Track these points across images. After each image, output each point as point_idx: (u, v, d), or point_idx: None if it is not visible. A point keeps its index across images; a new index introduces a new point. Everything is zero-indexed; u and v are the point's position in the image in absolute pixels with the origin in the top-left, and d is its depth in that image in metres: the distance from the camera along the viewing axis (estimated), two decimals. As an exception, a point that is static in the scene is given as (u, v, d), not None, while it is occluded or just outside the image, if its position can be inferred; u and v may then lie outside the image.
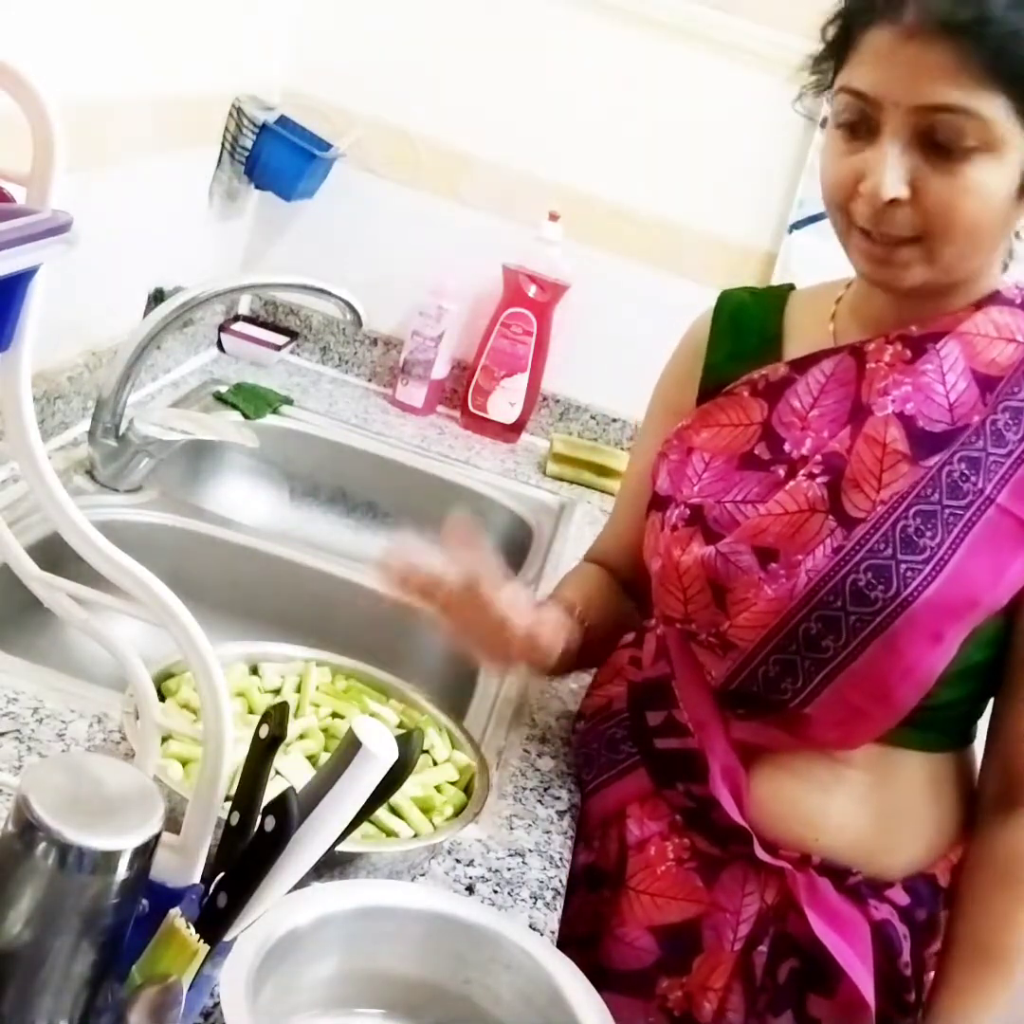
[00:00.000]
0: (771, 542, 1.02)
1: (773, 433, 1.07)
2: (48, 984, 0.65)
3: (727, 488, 1.07)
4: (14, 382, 0.66)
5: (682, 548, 1.06)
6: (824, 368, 1.07)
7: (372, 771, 0.66)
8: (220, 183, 1.92)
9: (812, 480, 1.02)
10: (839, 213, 1.00)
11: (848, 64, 0.98)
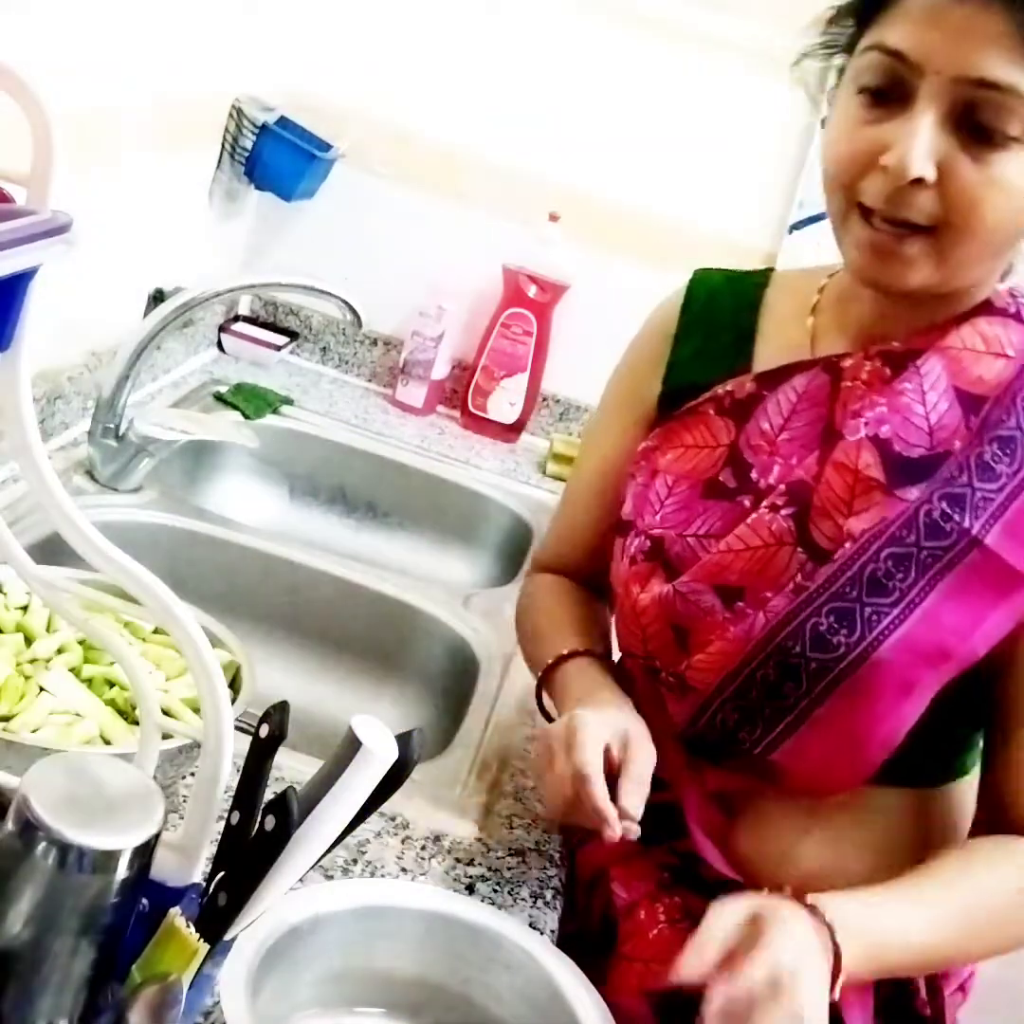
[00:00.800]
0: (734, 580, 0.95)
1: (740, 458, 0.98)
2: (48, 983, 0.65)
3: (690, 519, 0.99)
4: (14, 382, 0.66)
5: (641, 585, 0.99)
6: (796, 385, 0.97)
7: (372, 770, 0.66)
8: (220, 184, 1.92)
9: (775, 513, 0.94)
10: (842, 192, 0.88)
11: (882, 21, 0.86)
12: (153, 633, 1.05)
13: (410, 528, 1.87)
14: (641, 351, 1.12)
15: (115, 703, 0.97)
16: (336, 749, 0.67)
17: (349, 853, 0.98)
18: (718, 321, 1.06)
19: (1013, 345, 0.94)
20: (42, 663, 0.98)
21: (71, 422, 1.54)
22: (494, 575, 1.81)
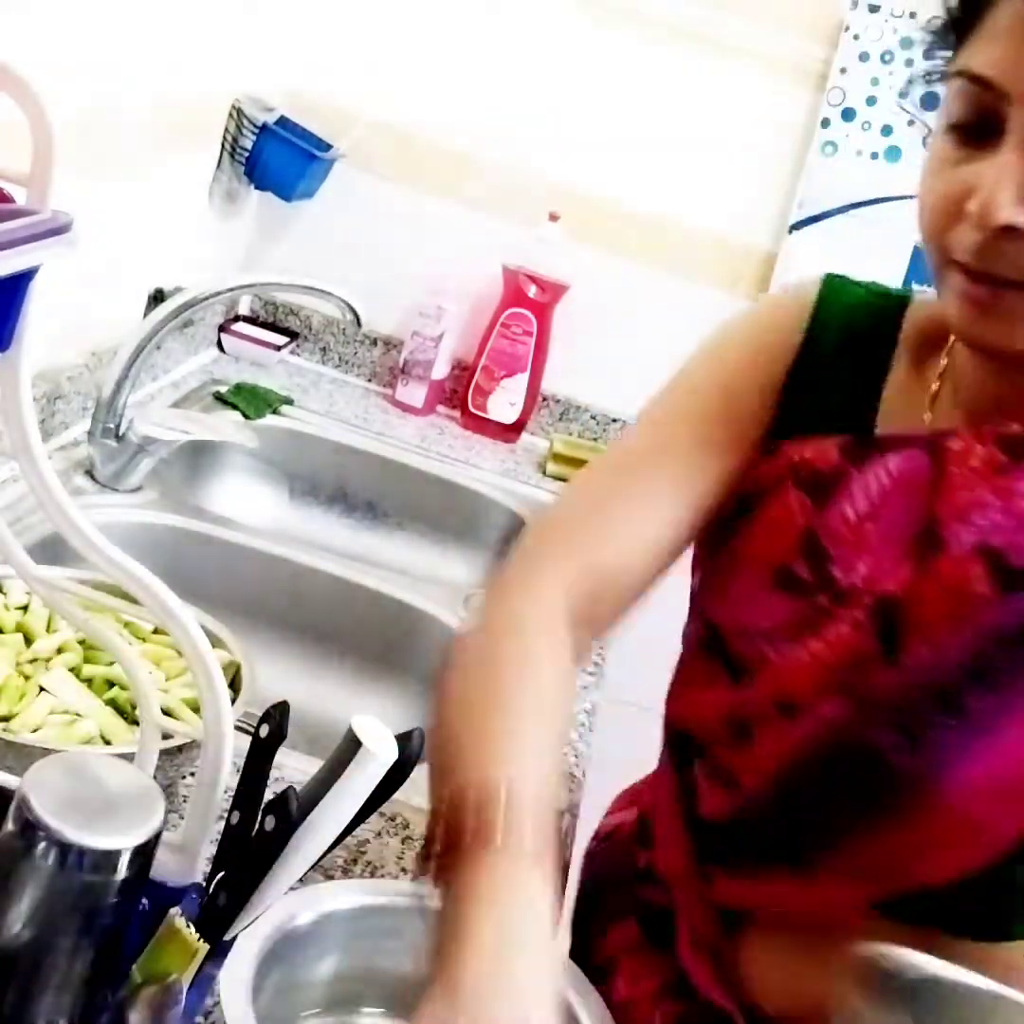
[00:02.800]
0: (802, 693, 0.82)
1: (818, 547, 0.82)
2: (48, 983, 0.65)
3: (756, 614, 0.84)
4: (14, 382, 0.66)
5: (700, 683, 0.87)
6: (890, 466, 0.81)
7: (372, 770, 0.66)
8: (220, 184, 1.92)
9: (859, 631, 0.80)
10: (934, 244, 0.75)
11: (970, 44, 0.74)
12: (153, 633, 1.05)
13: (410, 528, 1.87)
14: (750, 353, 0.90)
15: (115, 703, 0.97)
16: (336, 749, 0.67)
17: (349, 853, 0.98)
18: (849, 358, 0.87)
19: None
20: (42, 663, 0.98)
21: (71, 422, 1.54)
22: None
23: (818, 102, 1.93)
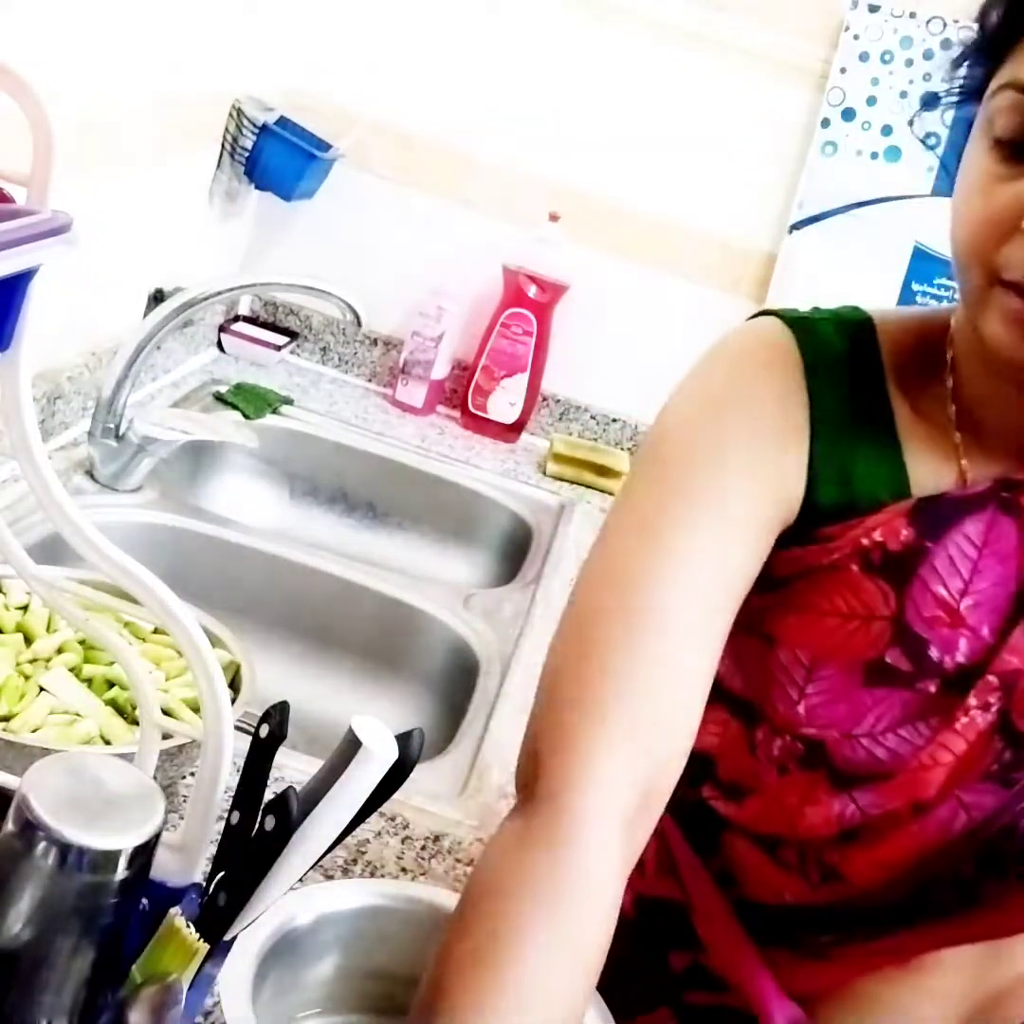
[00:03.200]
0: (934, 792, 0.77)
1: (910, 633, 0.76)
2: (48, 983, 0.65)
3: (856, 715, 0.77)
4: (14, 382, 0.66)
5: (802, 797, 0.79)
6: (970, 534, 0.76)
7: (372, 770, 0.66)
8: (220, 184, 1.92)
9: (987, 711, 0.76)
10: (979, 262, 0.71)
11: (1017, 56, 0.70)
12: (153, 633, 1.05)
13: (410, 528, 1.87)
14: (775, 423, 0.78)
15: (115, 703, 0.97)
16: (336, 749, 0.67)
17: (349, 853, 0.98)
18: (850, 404, 0.80)
19: None
20: (42, 663, 0.98)
21: (71, 422, 1.54)
22: (494, 575, 1.81)
23: (818, 102, 1.93)
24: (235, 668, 1.02)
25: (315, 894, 0.83)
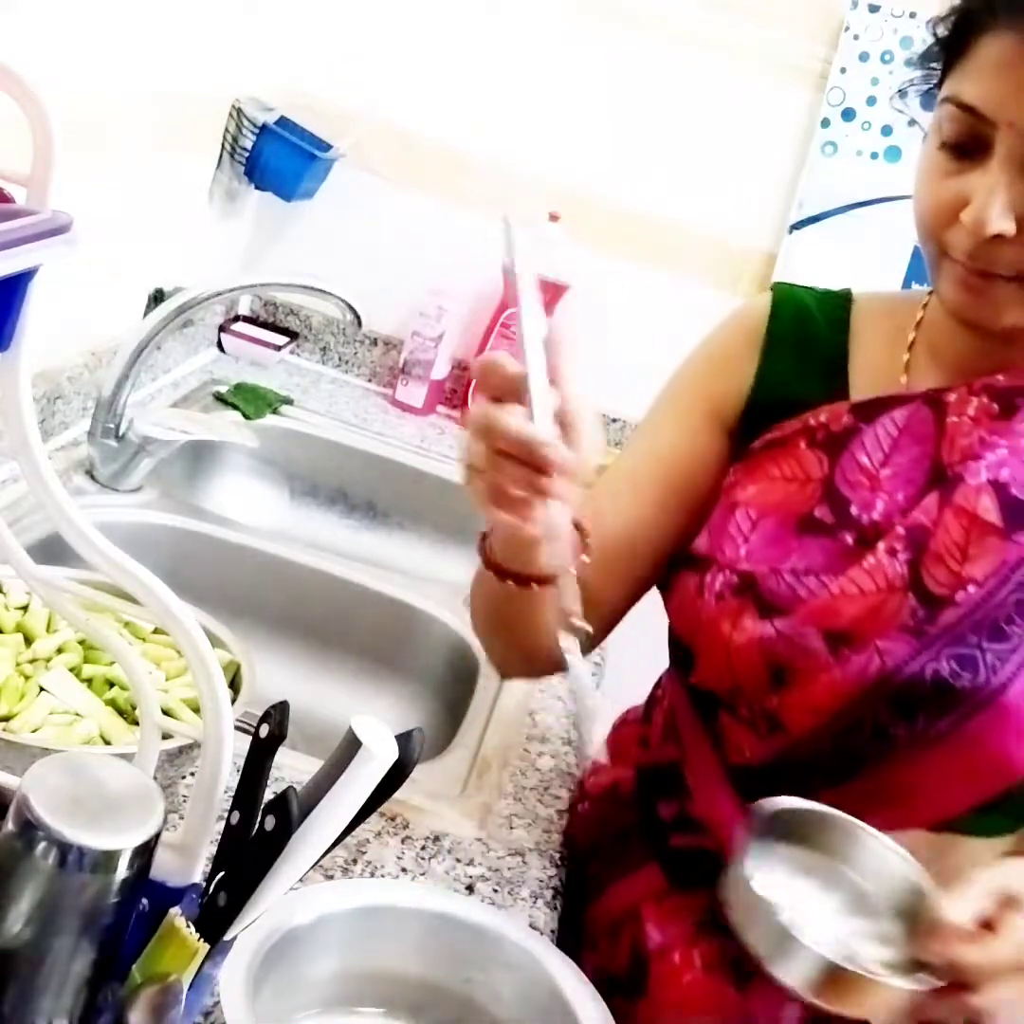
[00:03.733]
0: (844, 624, 0.90)
1: (836, 493, 0.93)
2: (48, 983, 0.65)
3: (783, 555, 0.93)
4: (14, 382, 0.66)
5: (732, 623, 0.93)
6: (896, 418, 0.93)
7: (371, 770, 0.66)
8: (220, 184, 1.92)
9: (894, 557, 0.90)
10: (932, 242, 0.88)
11: (958, 72, 0.86)
12: (153, 633, 1.05)
13: (410, 528, 1.87)
14: (725, 353, 1.04)
15: (115, 703, 0.97)
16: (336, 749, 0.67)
17: (349, 853, 0.98)
18: (809, 339, 1.01)
19: None
20: (42, 663, 0.98)
21: (71, 422, 1.54)
22: (494, 575, 1.81)
23: (818, 102, 1.93)
24: (235, 668, 1.02)
25: (315, 894, 0.83)
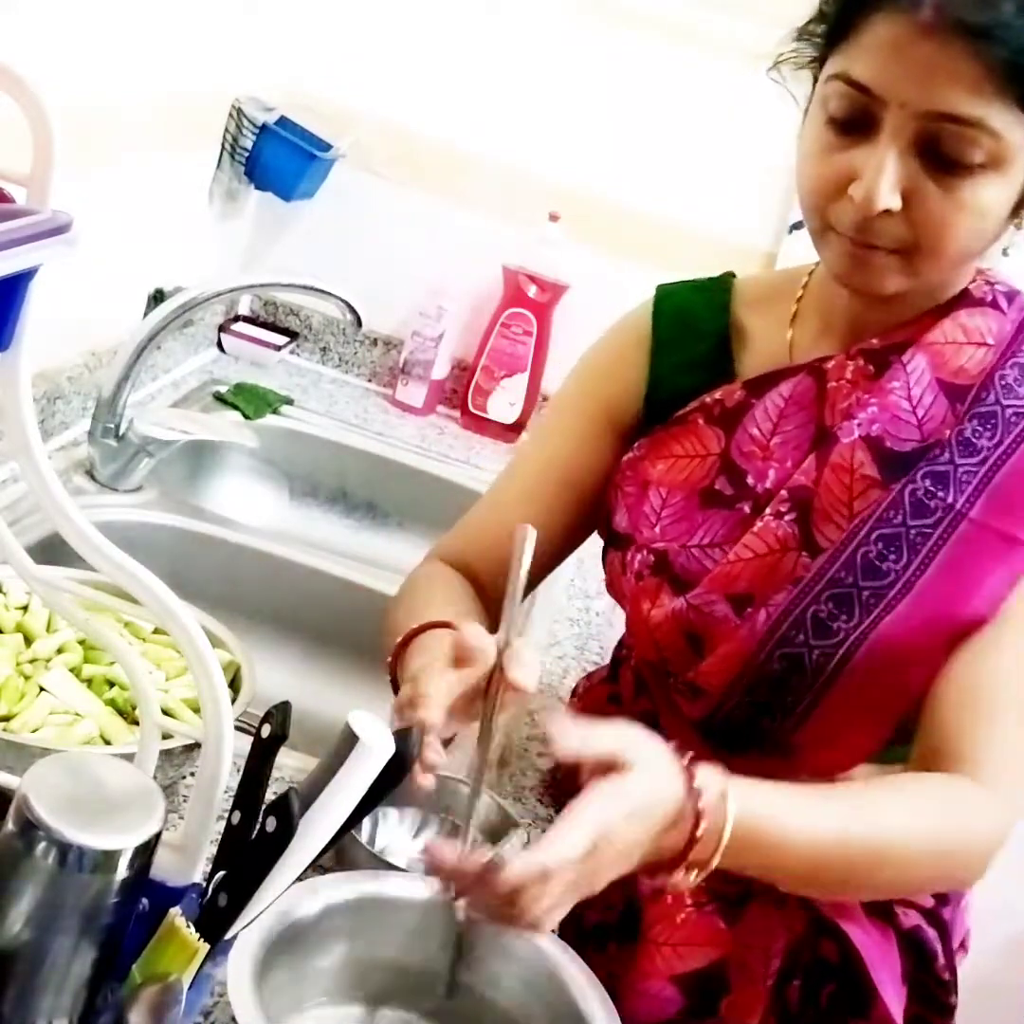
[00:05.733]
0: (744, 587, 0.96)
1: (733, 465, 1.00)
2: (48, 983, 0.65)
3: (691, 529, 1.00)
4: (14, 382, 0.66)
5: (651, 601, 1.00)
6: (782, 391, 1.00)
7: (369, 765, 0.66)
8: (220, 183, 1.92)
9: (780, 519, 0.96)
10: (817, 216, 0.92)
11: (846, 49, 0.87)
12: (153, 633, 1.05)
13: (410, 528, 1.87)
14: (612, 359, 1.10)
15: (115, 703, 0.97)
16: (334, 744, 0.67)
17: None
18: (693, 331, 1.06)
19: (992, 333, 0.97)
20: (42, 663, 0.98)
21: (71, 422, 1.54)
22: (494, 575, 1.81)
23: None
24: (235, 668, 1.02)
25: (319, 885, 0.83)
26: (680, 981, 1.01)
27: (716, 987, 1.01)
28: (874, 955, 0.99)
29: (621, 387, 1.08)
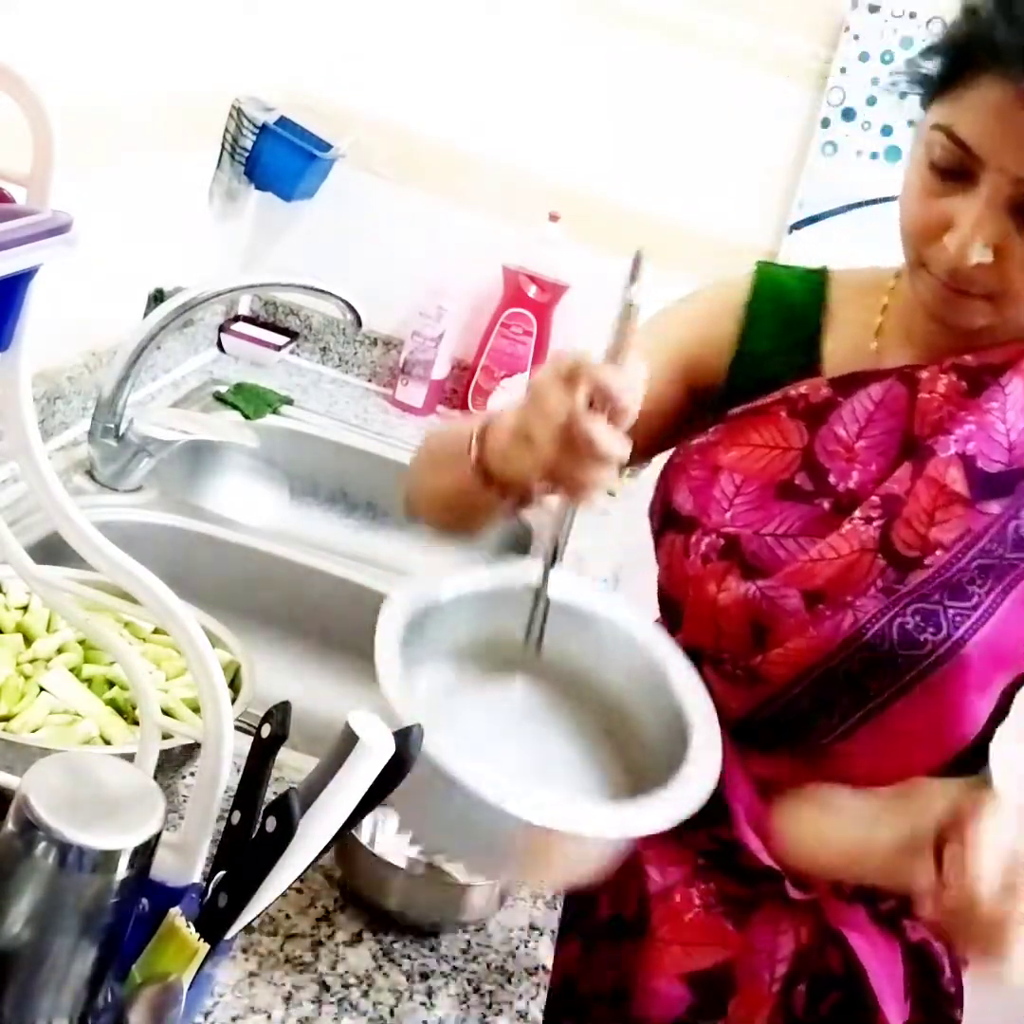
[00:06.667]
0: (820, 584, 0.97)
1: (815, 462, 1.01)
2: (48, 983, 0.65)
3: (765, 519, 1.00)
4: (14, 382, 0.66)
5: (718, 584, 1.00)
6: (872, 393, 1.00)
7: (369, 764, 0.66)
8: (220, 184, 1.92)
9: (869, 524, 0.97)
10: (913, 252, 0.95)
11: (952, 101, 0.90)
12: (153, 633, 1.05)
13: (410, 528, 1.87)
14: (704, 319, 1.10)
15: (115, 703, 0.97)
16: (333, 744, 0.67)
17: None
18: (787, 317, 1.07)
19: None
20: (42, 663, 0.98)
21: (71, 422, 1.54)
22: (494, 575, 1.81)
23: (818, 102, 1.93)
24: (235, 668, 1.02)
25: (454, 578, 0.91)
26: (689, 979, 1.03)
27: (724, 988, 1.03)
28: (878, 968, 1.00)
29: (707, 349, 1.08)
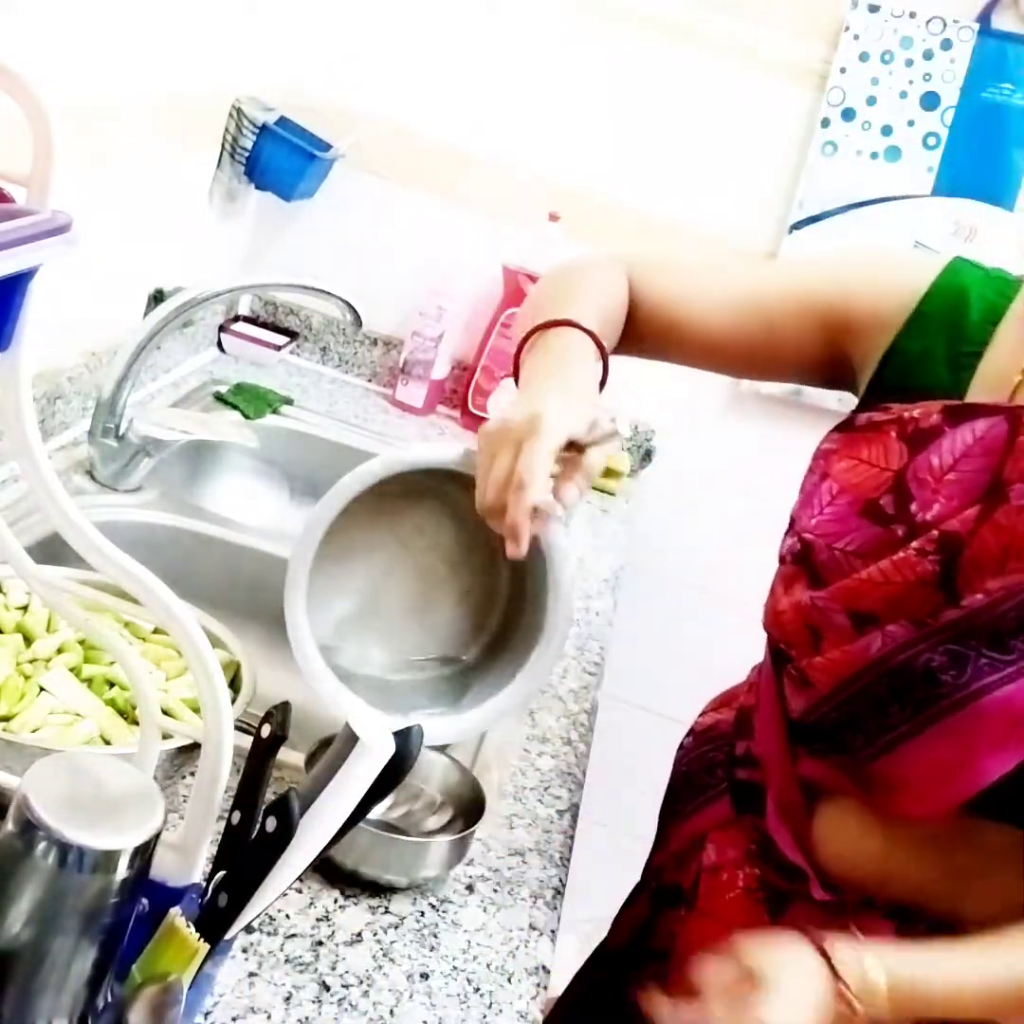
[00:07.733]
0: (868, 607, 0.96)
1: (904, 488, 0.97)
2: (47, 983, 0.65)
3: (841, 532, 0.99)
4: (14, 382, 0.66)
5: (784, 587, 1.02)
6: (976, 428, 0.95)
7: (369, 764, 0.66)
8: (220, 184, 1.92)
9: (923, 558, 0.94)
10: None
11: None
12: (153, 633, 1.05)
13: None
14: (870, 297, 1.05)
15: (115, 703, 0.97)
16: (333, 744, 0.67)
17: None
18: (957, 327, 1.01)
19: None
20: (42, 663, 0.98)
21: (71, 422, 1.54)
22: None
23: (818, 102, 1.93)
24: (235, 668, 1.03)
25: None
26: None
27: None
28: None
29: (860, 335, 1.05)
